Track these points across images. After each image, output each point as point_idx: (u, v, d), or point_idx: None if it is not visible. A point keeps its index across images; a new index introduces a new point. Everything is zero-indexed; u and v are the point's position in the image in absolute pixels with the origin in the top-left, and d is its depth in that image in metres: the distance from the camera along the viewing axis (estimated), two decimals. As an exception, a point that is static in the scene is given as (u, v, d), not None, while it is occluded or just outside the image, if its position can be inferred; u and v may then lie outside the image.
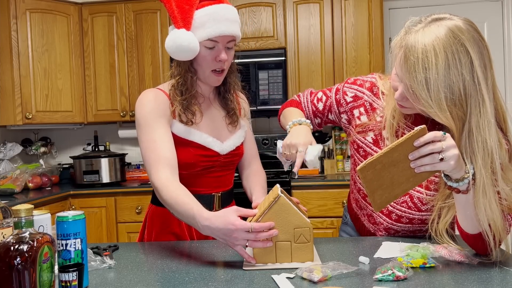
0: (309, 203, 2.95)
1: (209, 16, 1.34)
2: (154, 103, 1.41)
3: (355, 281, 1.00)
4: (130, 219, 3.13)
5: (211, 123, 1.50)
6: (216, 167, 1.49)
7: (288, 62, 3.28)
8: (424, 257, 1.09)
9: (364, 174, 1.01)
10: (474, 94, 1.03)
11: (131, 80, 3.41)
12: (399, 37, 1.11)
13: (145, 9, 3.38)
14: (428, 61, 1.02)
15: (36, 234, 0.89)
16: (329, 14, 3.24)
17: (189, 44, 1.33)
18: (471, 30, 1.05)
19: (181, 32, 1.33)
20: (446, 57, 1.02)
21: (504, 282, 0.96)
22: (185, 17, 1.34)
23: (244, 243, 1.11)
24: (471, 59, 1.02)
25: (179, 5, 1.34)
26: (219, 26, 1.34)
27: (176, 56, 1.37)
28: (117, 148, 3.77)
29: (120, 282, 1.07)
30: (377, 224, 1.37)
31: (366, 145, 1.35)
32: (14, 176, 3.11)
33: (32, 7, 3.21)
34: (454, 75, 1.02)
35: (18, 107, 3.16)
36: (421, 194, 1.27)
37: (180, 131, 1.43)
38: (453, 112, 1.04)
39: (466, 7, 3.51)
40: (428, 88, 1.03)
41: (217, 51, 1.38)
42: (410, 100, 1.11)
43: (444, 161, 0.98)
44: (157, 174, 1.32)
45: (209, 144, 1.45)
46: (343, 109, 1.41)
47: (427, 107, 1.06)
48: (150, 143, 1.37)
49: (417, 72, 1.04)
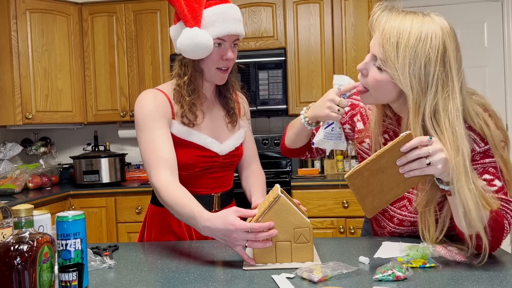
0: (309, 203, 2.95)
1: (218, 15, 1.35)
2: (153, 104, 1.41)
3: (355, 281, 1.00)
4: (130, 219, 3.13)
5: (211, 123, 1.50)
6: (215, 167, 1.49)
7: (288, 62, 3.28)
8: (424, 257, 1.09)
9: (352, 181, 1.03)
10: (443, 78, 1.08)
11: (131, 80, 3.41)
12: (383, 6, 1.17)
13: (145, 9, 3.38)
14: (403, 30, 1.09)
15: (36, 234, 0.89)
16: (329, 14, 3.24)
17: (206, 42, 1.33)
18: (452, 31, 1.12)
19: (197, 30, 1.33)
20: (420, 32, 1.09)
21: (504, 282, 0.96)
22: (195, 15, 1.35)
23: (244, 244, 1.11)
24: (445, 46, 1.08)
25: (188, 3, 1.35)
26: (228, 26, 1.36)
27: (191, 55, 1.37)
28: (117, 148, 3.77)
29: (120, 282, 1.07)
30: (382, 228, 1.38)
31: (363, 151, 1.38)
32: (14, 176, 3.11)
33: (32, 7, 3.21)
34: (420, 49, 1.08)
35: (18, 107, 3.16)
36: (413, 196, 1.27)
37: (180, 132, 1.43)
38: (412, 82, 1.09)
39: (466, 7, 3.51)
40: (398, 52, 1.09)
41: (224, 49, 1.40)
42: (378, 64, 1.14)
43: (431, 165, 1.00)
44: (157, 175, 1.32)
45: (208, 145, 1.45)
46: (344, 119, 1.42)
47: (392, 68, 1.11)
48: (149, 143, 1.37)
49: (391, 34, 1.10)
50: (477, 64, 3.47)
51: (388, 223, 1.35)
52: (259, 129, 3.64)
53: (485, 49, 3.52)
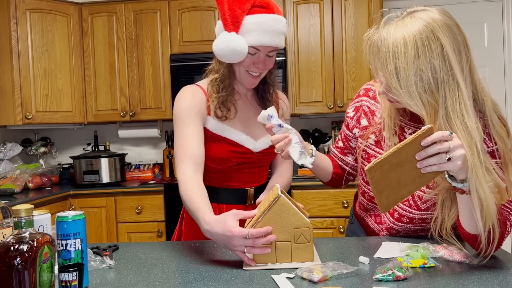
0: (309, 203, 2.95)
1: (257, 24, 1.37)
2: (191, 100, 1.45)
3: (355, 281, 1.00)
4: (130, 219, 3.13)
5: (246, 121, 1.52)
6: (249, 163, 1.52)
7: (288, 62, 3.28)
8: (424, 257, 1.09)
9: (372, 174, 1.01)
10: (448, 79, 1.05)
11: (131, 80, 3.41)
12: (373, 29, 1.15)
13: (145, 9, 3.38)
14: (398, 51, 1.06)
15: (36, 234, 0.89)
16: (329, 14, 3.24)
17: (242, 49, 1.36)
18: (445, 18, 1.08)
19: (234, 36, 1.36)
20: (415, 46, 1.05)
21: (504, 282, 0.96)
22: (236, 21, 1.36)
23: (243, 250, 1.12)
24: (442, 44, 1.05)
25: (231, 7, 1.36)
26: (264, 37, 1.37)
27: (225, 58, 1.40)
28: (117, 148, 3.77)
29: (120, 282, 1.07)
30: (381, 224, 1.38)
31: (368, 147, 1.36)
32: (14, 176, 3.11)
33: (32, 7, 3.21)
34: (423, 63, 1.05)
35: (18, 107, 3.16)
36: (421, 192, 1.27)
37: (214, 127, 1.47)
38: (423, 98, 1.06)
39: (466, 7, 3.51)
40: (398, 77, 1.06)
41: (258, 57, 1.42)
42: (385, 90, 1.13)
43: (451, 161, 0.98)
44: (181, 168, 1.38)
45: (242, 141, 1.49)
46: (352, 124, 1.42)
47: (397, 95, 1.09)
48: (181, 138, 1.42)
49: (387, 61, 1.07)
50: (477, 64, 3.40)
51: (389, 217, 1.35)
52: (259, 129, 3.63)
53: (485, 49, 3.52)
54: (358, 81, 3.21)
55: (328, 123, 3.58)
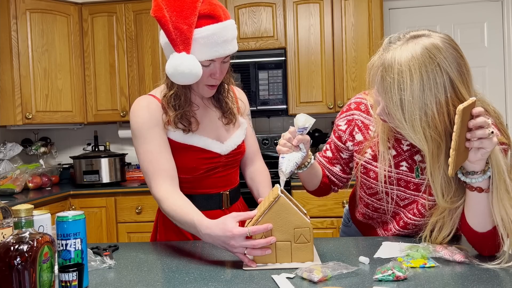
0: (309, 203, 2.95)
1: (207, 39, 1.29)
2: (147, 113, 1.39)
3: (355, 281, 1.00)
4: (130, 219, 3.13)
5: (209, 125, 1.48)
6: (219, 167, 1.49)
7: (288, 62, 3.28)
8: (424, 257, 1.09)
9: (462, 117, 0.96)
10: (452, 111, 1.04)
11: (131, 80, 3.41)
12: (377, 56, 1.12)
13: (145, 9, 3.38)
14: (403, 82, 1.04)
15: (36, 234, 0.89)
16: (329, 14, 3.24)
17: (191, 71, 1.28)
18: (449, 48, 1.05)
19: (183, 57, 1.28)
20: (421, 78, 1.03)
21: (504, 282, 0.96)
22: (184, 39, 1.28)
23: (243, 251, 1.12)
24: (450, 78, 1.03)
25: (176, 26, 1.27)
26: (217, 50, 1.31)
27: (178, 81, 1.32)
28: (117, 148, 3.77)
29: (120, 282, 1.07)
30: (388, 231, 1.38)
31: (366, 162, 1.34)
32: (14, 176, 3.11)
33: (32, 7, 3.21)
34: (427, 97, 1.03)
35: (18, 107, 3.16)
36: (424, 200, 1.27)
37: (179, 137, 1.41)
38: (426, 133, 1.05)
39: (466, 7, 3.51)
40: (403, 109, 1.05)
41: (213, 68, 1.36)
42: (386, 118, 1.13)
43: (491, 137, 0.97)
44: (157, 187, 1.34)
45: (209, 146, 1.44)
46: (345, 138, 1.40)
47: (401, 128, 1.08)
48: (147, 154, 1.37)
49: (392, 93, 1.06)
50: (477, 64, 3.46)
51: (394, 225, 1.35)
52: (259, 129, 3.64)
53: (485, 49, 3.52)
54: (358, 81, 3.22)
55: (328, 123, 3.58)
